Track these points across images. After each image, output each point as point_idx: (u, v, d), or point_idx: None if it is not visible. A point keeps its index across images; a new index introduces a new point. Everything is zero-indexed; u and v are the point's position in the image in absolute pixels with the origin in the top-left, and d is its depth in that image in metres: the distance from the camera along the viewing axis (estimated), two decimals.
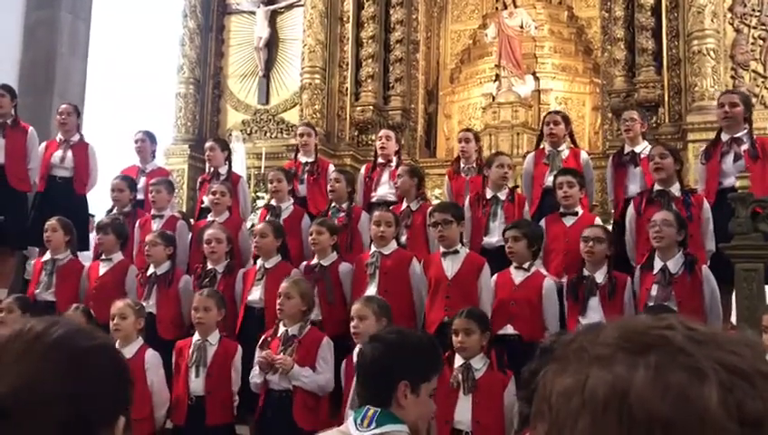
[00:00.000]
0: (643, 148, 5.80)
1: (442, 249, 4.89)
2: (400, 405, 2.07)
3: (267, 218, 5.82)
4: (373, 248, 5.10)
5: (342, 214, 5.84)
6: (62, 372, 0.83)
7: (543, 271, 4.91)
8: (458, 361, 3.95)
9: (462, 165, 6.42)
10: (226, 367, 4.50)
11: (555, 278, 4.85)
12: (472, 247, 5.29)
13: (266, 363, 4.26)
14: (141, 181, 6.69)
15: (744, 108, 5.42)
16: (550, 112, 6.56)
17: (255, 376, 4.39)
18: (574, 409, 0.65)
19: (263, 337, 4.52)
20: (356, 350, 4.18)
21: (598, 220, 5.42)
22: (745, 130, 5.40)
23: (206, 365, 4.45)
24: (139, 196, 6.57)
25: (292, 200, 6.21)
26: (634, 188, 5.67)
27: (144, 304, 5.02)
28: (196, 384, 4.44)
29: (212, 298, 4.60)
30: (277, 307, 4.41)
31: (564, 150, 5.98)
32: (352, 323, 4.08)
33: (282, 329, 4.41)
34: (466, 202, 5.67)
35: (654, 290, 4.47)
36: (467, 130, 7.09)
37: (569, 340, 0.70)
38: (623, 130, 6.19)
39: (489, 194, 5.61)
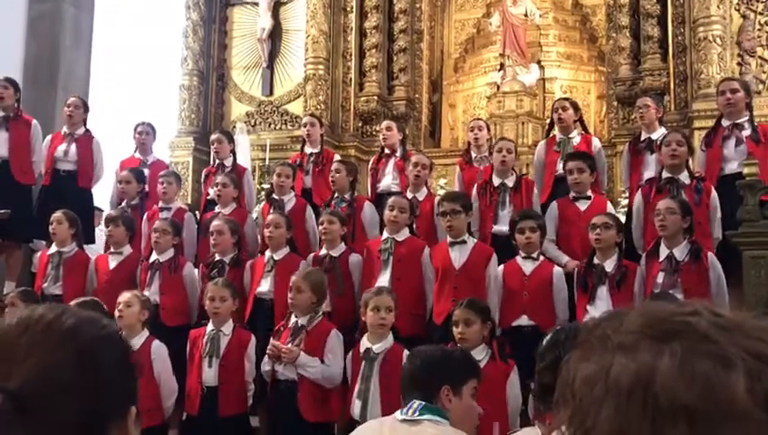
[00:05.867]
0: (660, 134, 5.72)
1: (449, 239, 4.88)
2: (446, 408, 2.40)
3: (277, 210, 5.82)
4: (386, 234, 5.06)
5: (345, 204, 5.83)
6: (74, 363, 0.82)
7: (562, 256, 4.94)
8: None
9: (474, 154, 6.31)
10: (240, 357, 4.50)
11: (575, 262, 4.85)
12: (481, 236, 5.27)
13: (274, 354, 4.29)
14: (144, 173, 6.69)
15: (744, 93, 5.40)
16: (558, 99, 6.55)
17: (266, 364, 4.41)
18: (598, 396, 0.64)
19: (276, 327, 4.53)
20: (364, 342, 4.17)
21: (609, 204, 5.41)
22: (746, 117, 5.38)
23: (220, 356, 4.45)
24: None
25: (293, 193, 6.21)
26: (649, 175, 5.60)
27: (147, 291, 5.06)
28: (209, 375, 4.44)
29: (227, 288, 4.60)
30: (289, 300, 4.42)
31: (575, 137, 5.95)
32: (379, 315, 4.06)
33: (293, 319, 4.43)
34: (474, 191, 5.62)
35: (660, 278, 4.46)
36: (478, 118, 7.06)
37: (592, 326, 0.69)
38: (638, 117, 6.16)
39: (497, 181, 5.58)
